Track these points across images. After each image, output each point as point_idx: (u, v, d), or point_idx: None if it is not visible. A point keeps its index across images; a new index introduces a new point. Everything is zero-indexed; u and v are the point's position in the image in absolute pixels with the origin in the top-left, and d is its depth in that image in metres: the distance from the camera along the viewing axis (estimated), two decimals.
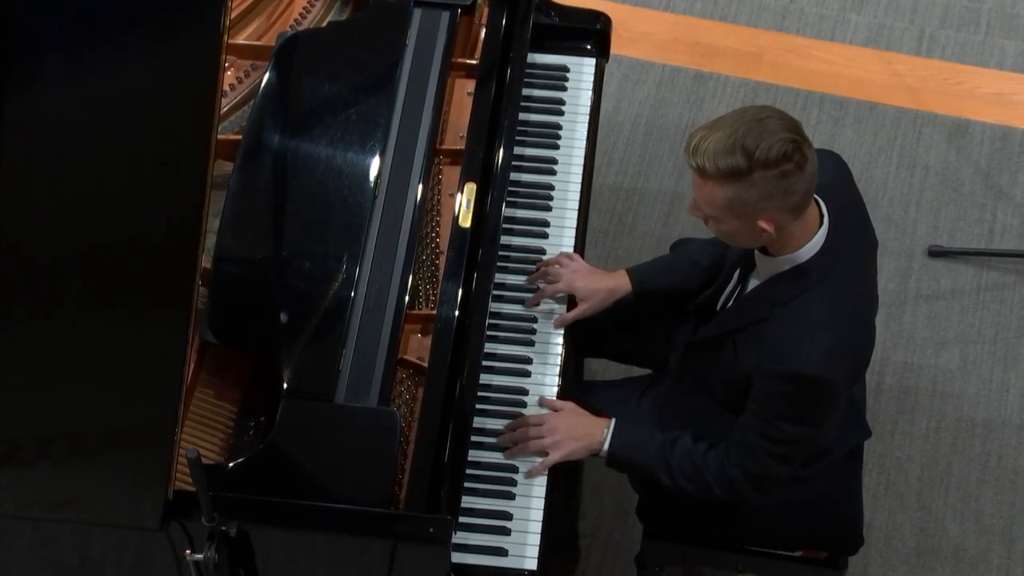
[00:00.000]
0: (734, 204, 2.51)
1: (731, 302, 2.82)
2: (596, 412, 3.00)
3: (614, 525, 3.59)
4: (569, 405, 2.86)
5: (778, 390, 2.62)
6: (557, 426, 2.80)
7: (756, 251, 2.70)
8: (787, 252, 2.63)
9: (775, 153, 2.46)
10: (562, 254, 3.03)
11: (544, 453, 2.80)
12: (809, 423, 2.66)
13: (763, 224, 2.53)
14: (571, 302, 3.00)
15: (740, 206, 2.51)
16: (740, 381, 2.70)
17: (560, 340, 2.97)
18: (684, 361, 2.94)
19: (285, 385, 2.67)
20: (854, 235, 2.71)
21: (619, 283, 2.98)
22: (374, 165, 2.93)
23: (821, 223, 2.63)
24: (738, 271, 2.82)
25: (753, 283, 2.75)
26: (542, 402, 2.87)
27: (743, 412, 2.72)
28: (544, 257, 3.05)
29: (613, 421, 2.83)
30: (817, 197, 2.61)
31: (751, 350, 2.68)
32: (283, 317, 2.75)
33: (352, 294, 2.78)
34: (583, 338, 3.12)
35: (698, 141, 2.50)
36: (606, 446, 2.81)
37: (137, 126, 2.50)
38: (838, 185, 2.73)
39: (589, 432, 2.82)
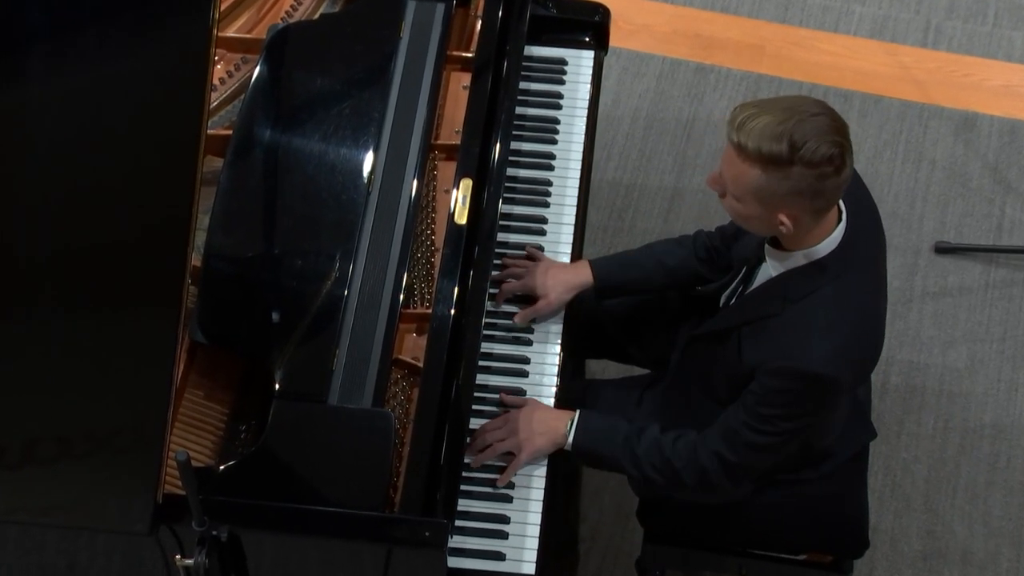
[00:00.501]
0: (762, 191, 2.51)
1: (734, 298, 2.83)
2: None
3: (614, 528, 3.59)
4: (530, 401, 2.86)
5: (782, 387, 2.62)
6: (518, 425, 2.80)
7: (766, 244, 2.70)
8: (802, 248, 2.63)
9: (820, 154, 2.47)
10: (527, 250, 3.03)
11: (510, 455, 2.80)
12: (804, 419, 2.66)
13: (782, 218, 2.53)
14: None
15: (768, 195, 2.51)
16: (743, 377, 2.70)
17: (558, 340, 2.97)
18: (686, 356, 2.94)
19: (277, 386, 2.67)
20: (867, 234, 2.71)
21: (578, 276, 2.99)
22: (368, 161, 2.93)
23: (839, 220, 2.63)
24: (746, 267, 2.82)
25: (760, 279, 2.75)
26: (502, 399, 2.87)
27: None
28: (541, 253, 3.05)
29: (577, 412, 2.83)
30: None
31: (757, 345, 2.68)
32: (275, 316, 2.75)
33: (345, 292, 2.78)
34: (582, 338, 3.12)
35: (745, 117, 2.49)
36: (570, 438, 2.81)
37: (124, 121, 2.49)
38: (851, 184, 2.74)
39: (552, 426, 2.81)
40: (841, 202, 2.63)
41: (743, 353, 2.71)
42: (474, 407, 2.83)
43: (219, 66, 3.09)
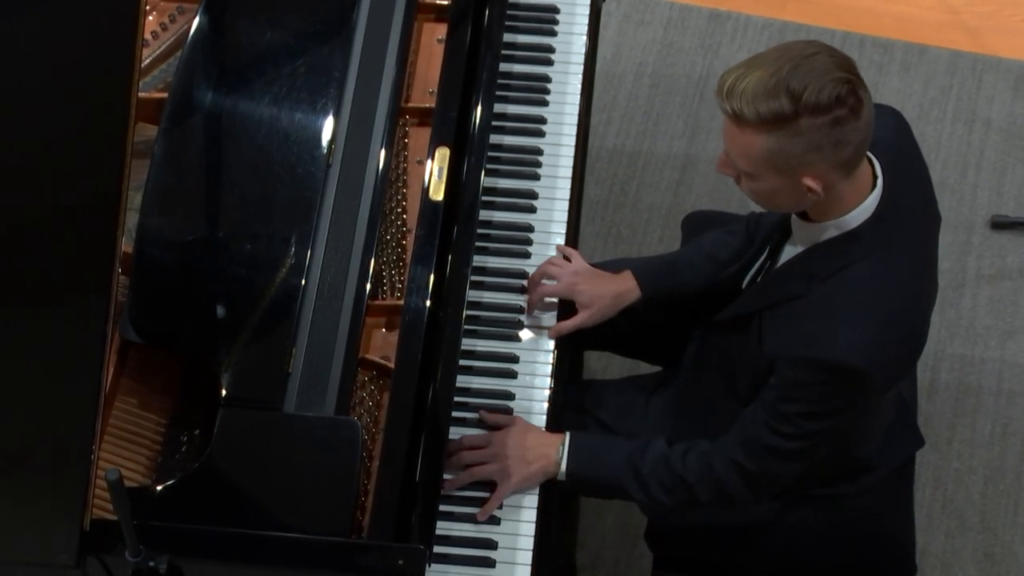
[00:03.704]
0: (775, 157, 2.51)
1: (760, 278, 2.83)
2: (598, 423, 3.01)
3: (619, 554, 3.60)
4: (516, 420, 2.86)
5: (805, 381, 2.63)
6: (504, 449, 2.80)
7: (793, 215, 2.70)
8: (832, 217, 2.63)
9: (826, 96, 2.47)
10: (558, 249, 3.03)
11: (492, 484, 2.80)
12: (831, 420, 2.67)
13: (809, 182, 2.54)
14: (564, 306, 3.01)
15: (782, 159, 2.52)
16: (765, 371, 2.71)
17: None
18: (702, 348, 2.95)
19: (224, 392, 2.67)
20: (913, 203, 2.71)
21: (626, 287, 3.00)
22: (327, 128, 2.93)
23: (874, 184, 2.63)
24: (770, 243, 2.82)
25: (787, 256, 2.75)
26: (482, 418, 2.87)
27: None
28: (531, 235, 3.05)
29: (567, 435, 2.83)
30: (870, 154, 2.62)
31: (779, 332, 2.68)
32: (220, 311, 2.75)
33: (303, 282, 2.78)
34: (581, 330, 3.12)
35: (734, 81, 2.50)
36: (563, 466, 2.82)
37: (40, 83, 2.49)
38: (899, 144, 2.74)
39: (542, 452, 2.82)
40: (877, 165, 2.64)
41: (764, 341, 2.71)
42: (454, 414, 2.84)
43: (151, 17, 3.09)
